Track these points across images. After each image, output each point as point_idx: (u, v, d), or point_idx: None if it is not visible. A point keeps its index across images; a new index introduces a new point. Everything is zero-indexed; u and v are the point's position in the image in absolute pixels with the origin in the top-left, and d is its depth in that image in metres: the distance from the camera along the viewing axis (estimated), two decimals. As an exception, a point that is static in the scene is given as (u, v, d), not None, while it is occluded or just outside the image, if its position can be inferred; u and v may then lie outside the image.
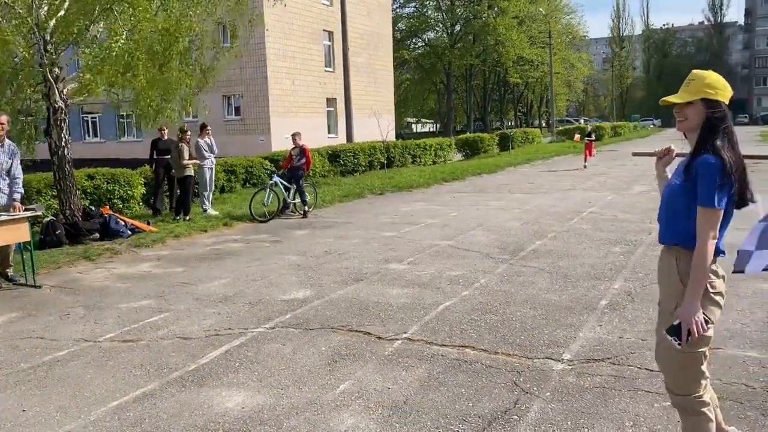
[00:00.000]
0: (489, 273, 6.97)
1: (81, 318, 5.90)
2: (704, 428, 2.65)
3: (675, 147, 2.87)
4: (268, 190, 12.15)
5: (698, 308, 2.47)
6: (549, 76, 50.60)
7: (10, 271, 7.41)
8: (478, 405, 3.76)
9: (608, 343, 4.69)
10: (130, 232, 10.10)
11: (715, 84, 2.55)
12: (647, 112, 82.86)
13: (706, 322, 2.49)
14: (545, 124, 68.98)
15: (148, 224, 10.80)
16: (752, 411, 3.56)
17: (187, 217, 11.57)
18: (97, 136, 35.88)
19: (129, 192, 12.54)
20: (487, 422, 3.54)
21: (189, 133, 11.95)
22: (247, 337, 5.15)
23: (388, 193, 15.72)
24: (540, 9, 56.06)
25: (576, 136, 25.17)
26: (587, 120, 61.74)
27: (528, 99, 75.76)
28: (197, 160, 12.05)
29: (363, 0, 35.00)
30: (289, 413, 3.74)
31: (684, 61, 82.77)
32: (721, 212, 2.47)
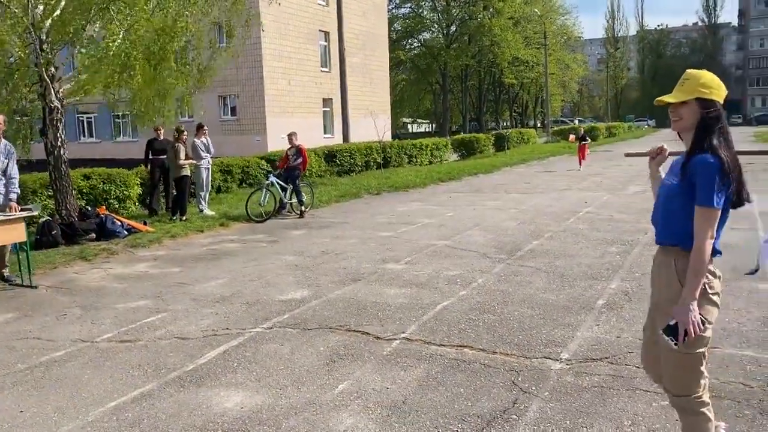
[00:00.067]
0: (486, 273, 6.99)
1: (78, 318, 5.88)
2: (704, 428, 2.65)
3: (667, 146, 2.88)
4: (264, 190, 12.14)
5: (695, 308, 2.47)
6: (544, 76, 50.73)
7: (6, 272, 7.39)
8: (476, 405, 3.76)
9: (606, 342, 4.70)
10: (126, 233, 10.08)
11: (709, 83, 2.56)
12: (642, 112, 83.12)
13: (703, 323, 2.49)
14: (540, 125, 69.10)
15: (145, 224, 10.77)
16: (749, 410, 3.58)
17: (184, 218, 11.55)
18: (92, 136, 35.80)
19: (125, 192, 12.51)
20: (486, 422, 3.55)
21: (186, 133, 11.93)
22: (245, 337, 5.14)
23: (384, 193, 15.73)
24: (535, 10, 56.19)
25: (571, 137, 25.20)
26: (581, 120, 61.98)
27: (523, 99, 75.91)
28: (194, 161, 12.03)
29: (359, 0, 35.02)
30: (288, 413, 3.74)
31: (678, 61, 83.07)
32: (719, 212, 2.47)
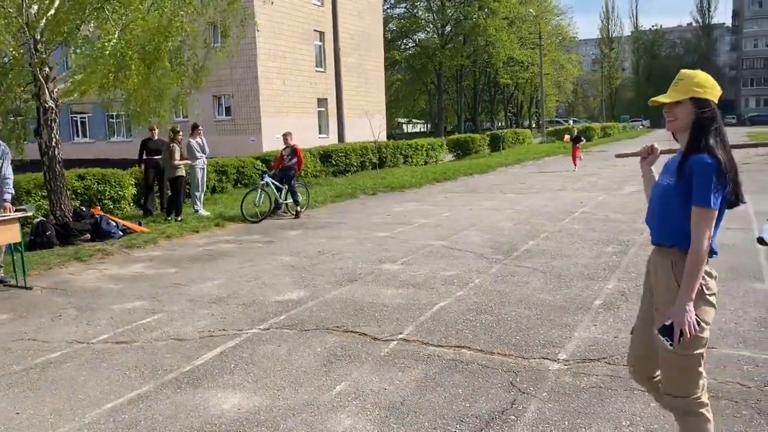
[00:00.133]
0: (483, 273, 6.98)
1: (73, 319, 5.85)
2: (703, 428, 2.64)
3: (658, 145, 2.87)
4: (259, 190, 12.11)
5: (691, 309, 2.46)
6: (539, 77, 50.79)
7: (1, 273, 7.34)
8: (475, 405, 3.76)
9: (603, 342, 4.70)
10: (121, 233, 10.04)
11: (703, 83, 2.55)
12: (636, 112, 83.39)
13: (699, 324, 2.49)
14: (535, 125, 69.23)
15: (140, 225, 10.73)
16: (747, 410, 3.58)
17: (179, 218, 11.51)
18: (86, 137, 35.67)
19: (120, 192, 12.45)
20: (485, 422, 3.54)
21: (181, 133, 11.89)
22: (241, 338, 5.13)
23: (380, 193, 15.71)
24: (530, 10, 56.22)
25: (566, 137, 25.25)
26: (576, 120, 62.09)
27: (518, 100, 76.00)
28: (189, 161, 12.00)
29: (354, 0, 35.00)
30: (286, 414, 3.73)
31: (673, 62, 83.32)
32: (716, 212, 2.47)
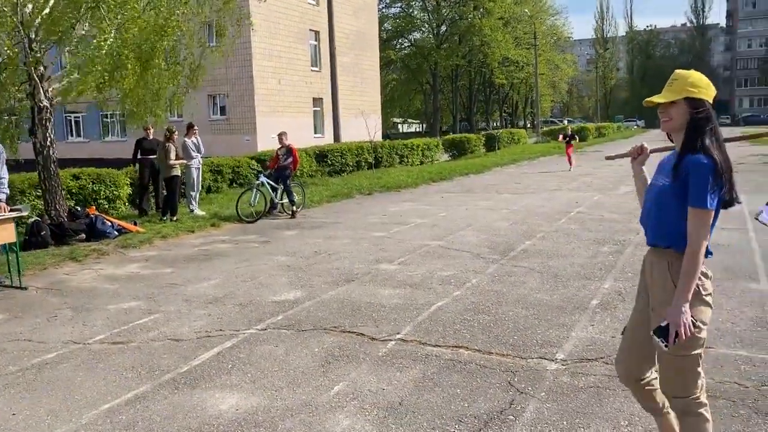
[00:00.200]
0: (480, 273, 6.99)
1: (69, 320, 5.82)
2: (702, 428, 2.65)
3: (648, 145, 2.87)
4: (254, 190, 12.08)
5: (687, 310, 2.46)
6: (534, 77, 50.90)
7: (-4, 273, 7.32)
8: (473, 405, 3.76)
9: (601, 342, 4.71)
10: (116, 233, 10.00)
11: (698, 83, 2.55)
12: (631, 112, 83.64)
13: (694, 325, 2.48)
14: (530, 125, 69.33)
15: (135, 225, 10.70)
16: (745, 409, 3.59)
17: (174, 218, 11.48)
18: (80, 136, 35.52)
19: (115, 192, 12.41)
20: (483, 423, 3.54)
21: (176, 133, 11.86)
22: (238, 338, 5.11)
23: (376, 193, 15.71)
24: (525, 10, 56.39)
25: (560, 137, 25.31)
26: (570, 120, 62.25)
27: (513, 100, 76.11)
28: (184, 160, 11.96)
29: (349, 0, 34.97)
30: (284, 415, 3.72)
31: (667, 62, 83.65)
32: (713, 213, 2.47)
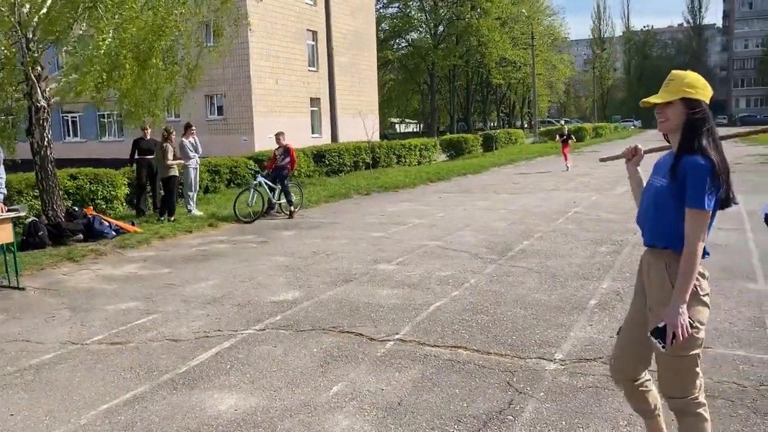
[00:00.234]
0: (478, 273, 6.99)
1: (67, 320, 5.81)
2: (701, 428, 2.65)
3: (641, 145, 2.87)
4: (252, 190, 12.07)
5: (684, 311, 2.46)
6: (531, 77, 50.95)
7: (-7, 273, 7.30)
8: (472, 405, 3.76)
9: (599, 342, 4.71)
10: (114, 233, 9.98)
11: (694, 83, 2.55)
12: (628, 113, 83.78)
13: (691, 326, 2.48)
14: (527, 125, 69.42)
15: (133, 225, 10.68)
16: (743, 409, 3.60)
17: (172, 218, 11.46)
18: (77, 136, 35.44)
19: (112, 192, 12.38)
20: (483, 423, 3.54)
21: (174, 133, 11.85)
22: (237, 338, 5.11)
23: (374, 193, 15.71)
24: (522, 10, 56.44)
25: (557, 137, 25.35)
26: (568, 121, 62.32)
27: (510, 100, 76.20)
28: (182, 160, 11.95)
29: (346, 0, 34.97)
30: (283, 415, 3.72)
31: (664, 62, 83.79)
32: (710, 214, 2.47)
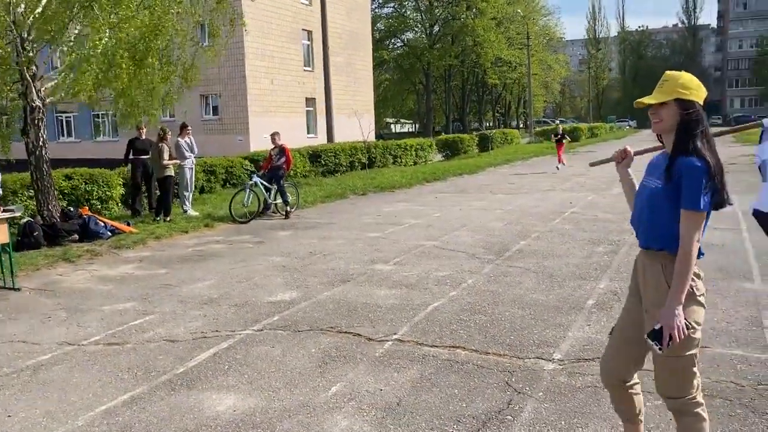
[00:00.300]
0: (476, 273, 6.99)
1: (63, 321, 5.79)
2: (699, 428, 2.65)
3: (630, 148, 2.87)
4: (247, 190, 12.04)
5: (680, 313, 2.46)
6: (527, 77, 51.00)
7: (-12, 274, 7.26)
8: (471, 405, 3.76)
9: (597, 342, 4.71)
10: (109, 234, 9.95)
11: (688, 84, 2.55)
12: (623, 113, 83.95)
13: (688, 326, 2.49)
14: (523, 125, 69.49)
15: (128, 225, 10.64)
16: (741, 408, 3.61)
17: (168, 218, 11.43)
18: (71, 136, 35.33)
19: (108, 193, 12.33)
20: (482, 423, 3.54)
21: (170, 133, 11.82)
22: (234, 339, 5.09)
23: (370, 193, 15.70)
24: (518, 10, 56.44)
25: (553, 137, 25.40)
26: (563, 121, 62.43)
27: (506, 100, 76.25)
28: (178, 160, 11.92)
29: (342, 0, 34.94)
30: (282, 416, 3.71)
31: (659, 62, 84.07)
32: (705, 215, 2.48)
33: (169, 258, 8.58)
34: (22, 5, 9.29)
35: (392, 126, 77.58)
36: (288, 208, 12.15)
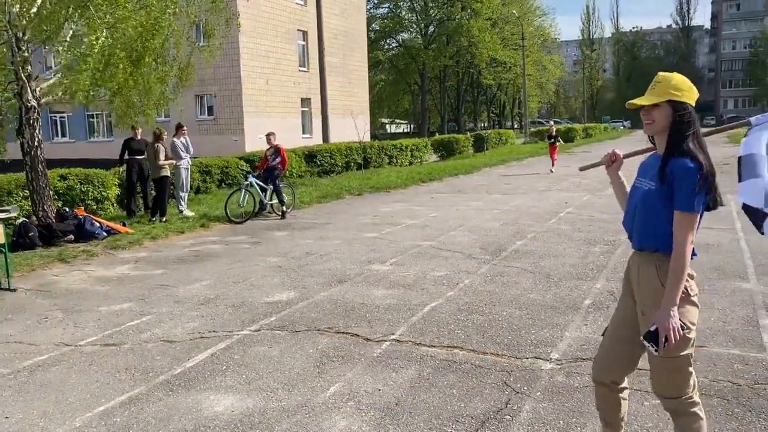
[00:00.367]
0: (473, 273, 7.00)
1: (60, 322, 5.77)
2: (696, 427, 2.67)
3: (620, 150, 2.89)
4: (243, 190, 12.03)
5: (675, 314, 2.48)
6: (521, 77, 51.09)
7: (-17, 275, 7.23)
8: (470, 405, 3.76)
9: (595, 342, 4.72)
10: (105, 234, 9.92)
11: (680, 85, 2.56)
12: (617, 113, 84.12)
13: (683, 327, 2.50)
14: (518, 126, 69.63)
15: (124, 226, 10.62)
16: (739, 408, 3.62)
17: (163, 219, 11.41)
18: (65, 136, 35.21)
19: (103, 193, 12.29)
20: (480, 422, 3.55)
21: (166, 133, 11.79)
22: (232, 339, 5.09)
23: (366, 193, 15.70)
24: (513, 11, 56.57)
25: (546, 138, 25.37)
26: (557, 121, 62.58)
27: (501, 100, 76.39)
28: (173, 160, 11.89)
29: (337, 0, 34.94)
30: (280, 416, 3.71)
31: (653, 63, 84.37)
32: (698, 216, 2.49)
33: (165, 258, 8.56)
34: (18, 5, 9.26)
35: (387, 126, 77.57)
36: (284, 209, 12.14)
